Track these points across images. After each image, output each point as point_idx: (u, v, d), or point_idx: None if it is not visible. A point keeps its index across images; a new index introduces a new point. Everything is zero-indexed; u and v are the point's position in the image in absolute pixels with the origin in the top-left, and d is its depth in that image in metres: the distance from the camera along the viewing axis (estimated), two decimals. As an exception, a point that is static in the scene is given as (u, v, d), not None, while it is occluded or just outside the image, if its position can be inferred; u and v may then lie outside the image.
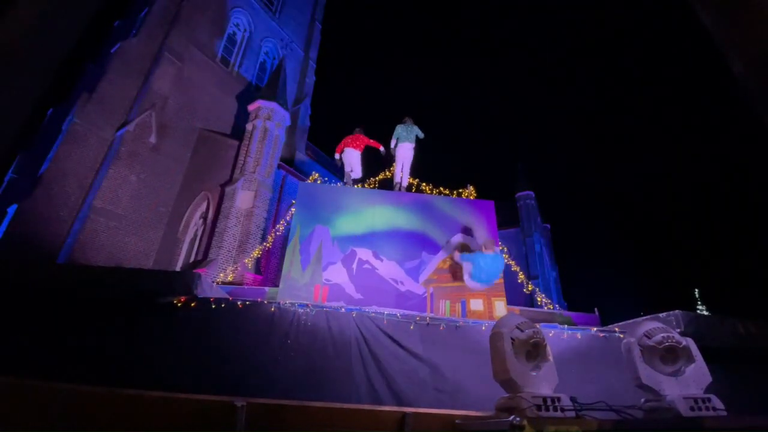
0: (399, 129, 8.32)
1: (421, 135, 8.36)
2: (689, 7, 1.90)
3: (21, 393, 2.68)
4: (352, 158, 8.34)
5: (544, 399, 2.23)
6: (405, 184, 8.32)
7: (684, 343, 2.53)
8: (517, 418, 1.96)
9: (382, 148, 8.50)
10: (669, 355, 2.49)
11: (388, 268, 6.68)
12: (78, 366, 4.02)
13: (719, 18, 1.59)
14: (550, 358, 2.64)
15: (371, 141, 8.48)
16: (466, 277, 6.13)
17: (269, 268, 12.19)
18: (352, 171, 8.37)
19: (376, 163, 8.94)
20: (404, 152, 8.22)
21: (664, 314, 4.81)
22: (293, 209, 7.36)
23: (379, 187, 8.85)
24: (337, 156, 8.49)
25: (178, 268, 12.12)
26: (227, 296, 4.95)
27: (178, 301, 4.46)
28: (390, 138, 8.47)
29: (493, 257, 5.93)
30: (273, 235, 10.93)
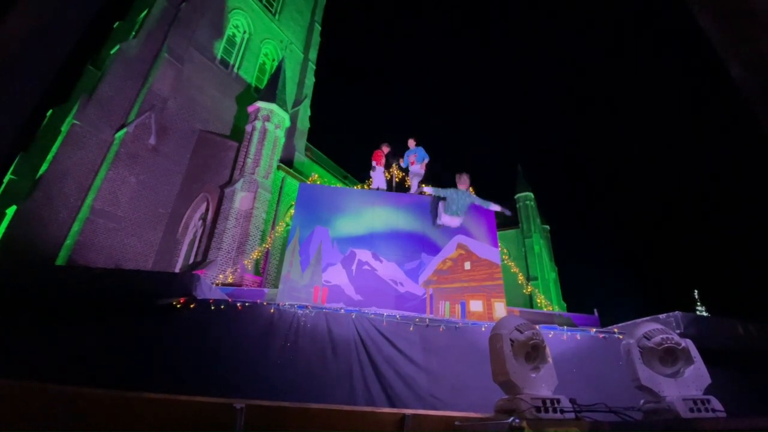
0: (450, 194, 6.62)
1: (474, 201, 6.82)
2: (687, 9, 1.91)
3: (21, 395, 2.67)
4: (380, 176, 8.63)
5: (544, 401, 2.23)
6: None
7: (683, 344, 2.53)
8: (517, 420, 1.96)
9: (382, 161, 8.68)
10: (668, 357, 2.49)
11: (387, 270, 6.67)
12: (77, 367, 4.01)
13: (716, 20, 1.59)
14: (550, 359, 2.63)
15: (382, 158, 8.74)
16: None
17: (269, 270, 12.17)
18: (378, 189, 8.49)
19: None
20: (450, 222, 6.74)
21: (664, 315, 4.81)
22: (293, 210, 7.36)
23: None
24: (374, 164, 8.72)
25: (177, 270, 12.10)
26: (226, 298, 4.94)
27: (178, 302, 4.45)
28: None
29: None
30: (272, 236, 10.93)
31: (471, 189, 6.94)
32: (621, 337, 4.62)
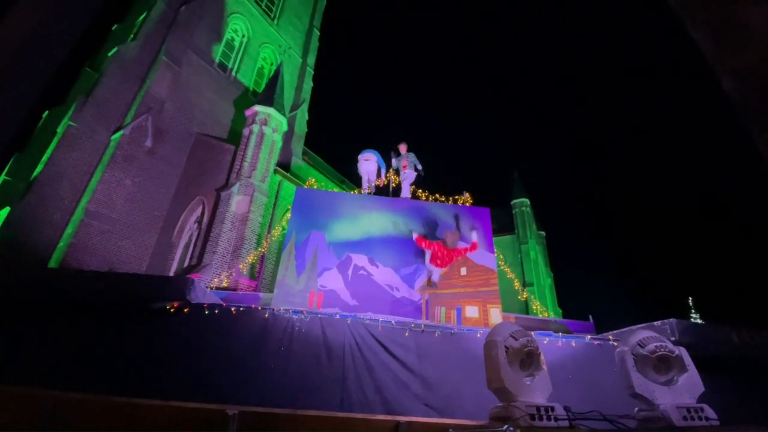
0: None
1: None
2: (679, 20, 1.94)
3: (12, 399, 2.63)
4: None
5: (538, 408, 2.22)
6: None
7: (677, 352, 2.53)
8: (511, 428, 1.95)
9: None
10: (662, 365, 2.49)
11: (383, 275, 6.66)
12: (70, 371, 3.96)
13: (707, 32, 1.62)
14: (544, 366, 2.63)
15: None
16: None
17: (264, 274, 12.11)
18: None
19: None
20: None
21: (659, 322, 4.83)
22: (289, 214, 7.35)
23: (375, 193, 8.86)
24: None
25: (171, 273, 12.02)
26: (221, 302, 4.91)
27: (171, 306, 4.42)
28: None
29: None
30: (268, 240, 10.89)
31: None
32: (616, 344, 4.63)
